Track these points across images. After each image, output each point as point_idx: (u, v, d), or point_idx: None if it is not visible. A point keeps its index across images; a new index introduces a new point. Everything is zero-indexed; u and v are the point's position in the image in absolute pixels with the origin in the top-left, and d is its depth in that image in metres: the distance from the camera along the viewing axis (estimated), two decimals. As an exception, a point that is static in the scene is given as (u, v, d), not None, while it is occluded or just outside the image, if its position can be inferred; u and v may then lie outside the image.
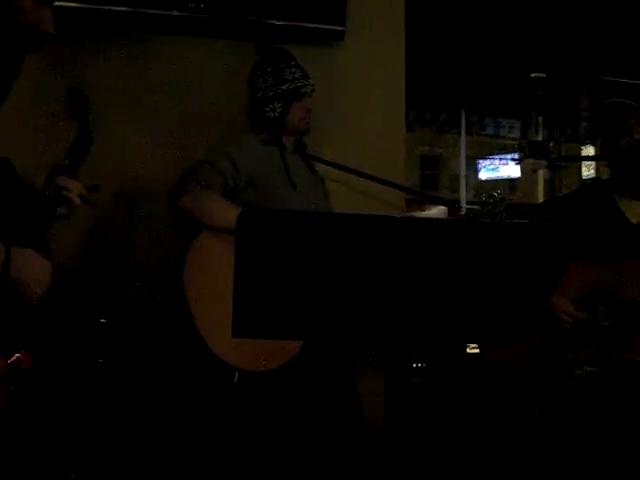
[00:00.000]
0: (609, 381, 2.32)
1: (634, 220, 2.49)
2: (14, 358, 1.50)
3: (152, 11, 2.77)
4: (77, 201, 1.79)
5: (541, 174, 12.09)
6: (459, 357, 3.43)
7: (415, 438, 3.19)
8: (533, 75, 9.08)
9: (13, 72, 1.64)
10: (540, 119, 11.34)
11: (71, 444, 2.41)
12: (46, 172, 1.79)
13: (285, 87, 2.56)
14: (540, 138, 11.51)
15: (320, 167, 2.76)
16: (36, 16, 1.61)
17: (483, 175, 18.38)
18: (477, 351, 2.91)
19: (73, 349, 2.53)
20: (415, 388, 3.38)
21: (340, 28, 2.98)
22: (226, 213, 2.32)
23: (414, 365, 3.45)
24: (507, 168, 17.36)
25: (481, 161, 18.23)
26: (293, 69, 2.59)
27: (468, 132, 11.99)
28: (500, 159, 17.57)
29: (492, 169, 18.11)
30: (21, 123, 2.62)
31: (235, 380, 2.34)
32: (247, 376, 2.34)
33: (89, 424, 2.54)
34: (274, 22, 2.89)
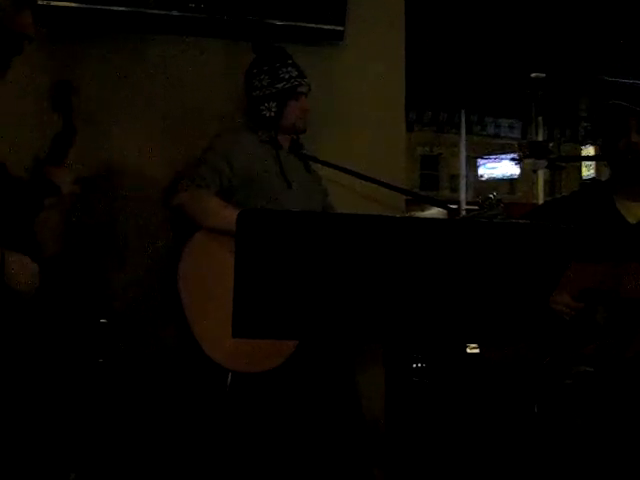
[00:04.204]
0: (608, 380, 2.33)
1: (632, 220, 2.49)
2: None
3: (152, 11, 2.77)
4: (65, 190, 1.83)
5: (541, 174, 12.11)
6: (459, 357, 3.43)
7: (415, 438, 3.18)
8: (533, 75, 9.09)
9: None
10: (540, 119, 11.36)
11: (71, 444, 2.41)
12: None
13: (281, 86, 2.56)
14: (540, 138, 11.53)
15: (318, 167, 2.76)
16: (16, 19, 1.68)
17: (483, 175, 18.40)
18: (477, 351, 2.91)
19: (73, 349, 2.53)
20: (415, 388, 3.38)
21: (340, 28, 2.98)
22: (222, 213, 2.32)
23: (414, 365, 3.45)
24: (507, 168, 17.38)
25: (481, 161, 18.25)
26: (289, 68, 2.58)
27: (468, 132, 12.02)
28: (500, 159, 17.58)
29: (492, 169, 18.12)
30: (21, 123, 2.61)
31: (228, 382, 2.33)
32: (240, 378, 2.34)
33: (89, 424, 2.53)
34: (274, 22, 2.89)
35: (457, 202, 12.10)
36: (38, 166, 1.83)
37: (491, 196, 2.45)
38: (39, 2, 2.63)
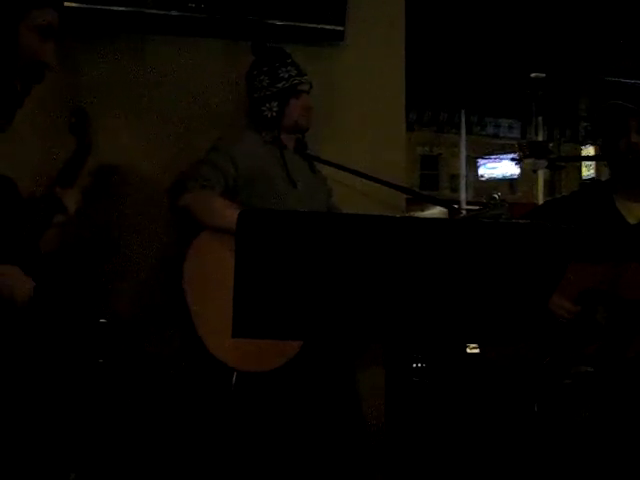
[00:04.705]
0: (608, 380, 2.33)
1: (632, 221, 2.49)
2: None
3: (152, 11, 2.77)
4: (72, 210, 1.91)
5: (541, 174, 12.12)
6: (459, 357, 3.43)
7: (415, 438, 3.18)
8: (533, 75, 9.09)
9: (18, 101, 1.80)
10: (540, 119, 11.37)
11: (71, 444, 2.41)
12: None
13: (281, 85, 2.56)
14: (540, 138, 11.53)
15: (320, 167, 2.76)
16: (41, 49, 1.76)
17: (483, 175, 18.40)
18: (477, 351, 2.92)
19: (73, 349, 2.53)
20: (415, 388, 3.38)
21: (340, 28, 2.98)
22: (226, 213, 2.31)
23: (414, 365, 3.45)
24: (507, 168, 17.38)
25: (481, 161, 18.25)
26: (288, 67, 2.59)
27: (468, 132, 12.02)
28: (500, 159, 17.59)
29: (492, 169, 18.13)
30: (19, 122, 2.61)
31: (233, 381, 2.33)
32: (245, 377, 2.34)
33: (89, 424, 2.53)
34: (274, 22, 2.89)
35: (457, 202, 12.10)
36: (50, 185, 1.90)
37: (496, 196, 2.45)
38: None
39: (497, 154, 17.50)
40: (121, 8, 2.74)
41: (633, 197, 2.51)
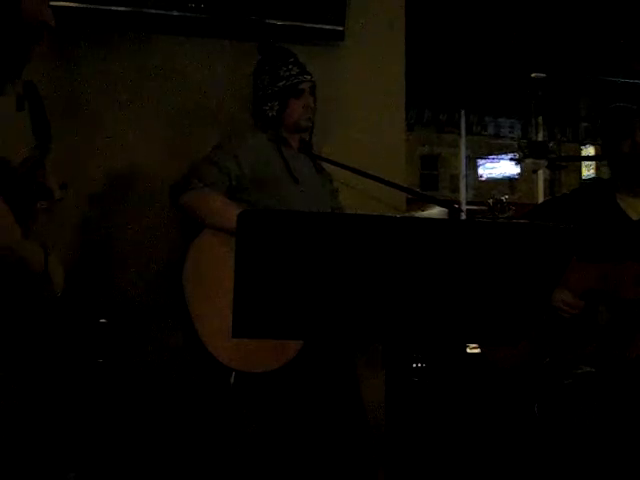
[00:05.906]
0: (608, 380, 2.33)
1: (634, 217, 2.49)
2: None
3: (152, 11, 2.77)
4: (58, 195, 1.83)
5: (541, 174, 12.13)
6: (459, 357, 3.43)
7: (415, 438, 3.18)
8: (533, 75, 9.09)
9: (23, 60, 1.79)
10: (540, 119, 11.37)
11: (71, 444, 2.41)
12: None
13: (281, 84, 2.56)
14: (540, 138, 11.54)
15: (324, 166, 2.76)
16: (39, 9, 1.77)
17: (483, 175, 18.41)
18: (477, 351, 2.92)
19: (73, 349, 2.53)
20: (415, 388, 3.38)
21: (340, 28, 2.98)
22: (228, 213, 2.31)
23: (414, 365, 3.45)
24: (506, 168, 17.39)
25: (481, 161, 18.26)
26: (290, 66, 2.58)
27: (468, 132, 12.01)
28: (500, 159, 17.59)
29: (491, 169, 18.13)
30: (19, 122, 2.61)
31: (232, 380, 2.33)
32: (244, 377, 2.34)
33: (89, 424, 2.53)
34: (274, 22, 2.89)
35: (457, 202, 12.10)
36: (31, 168, 1.80)
37: (503, 199, 2.45)
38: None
39: (497, 154, 17.51)
40: (121, 8, 2.74)
41: (635, 193, 2.52)
